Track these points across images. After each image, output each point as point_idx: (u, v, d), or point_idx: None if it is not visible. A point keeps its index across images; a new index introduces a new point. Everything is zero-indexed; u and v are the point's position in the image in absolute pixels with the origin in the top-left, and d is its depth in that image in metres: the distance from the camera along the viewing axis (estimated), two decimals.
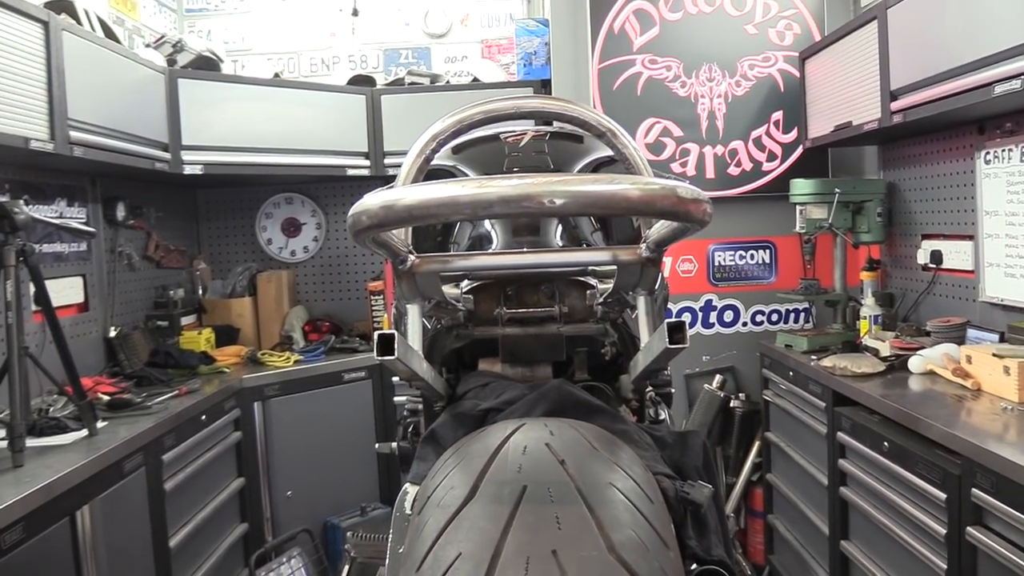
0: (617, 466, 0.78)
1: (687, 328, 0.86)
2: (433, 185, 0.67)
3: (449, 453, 0.86)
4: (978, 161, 2.69)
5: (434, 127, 1.02)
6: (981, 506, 1.89)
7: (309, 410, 3.47)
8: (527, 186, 0.65)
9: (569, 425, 0.85)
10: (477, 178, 0.67)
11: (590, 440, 0.81)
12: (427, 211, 0.68)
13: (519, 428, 0.83)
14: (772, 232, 3.82)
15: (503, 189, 0.65)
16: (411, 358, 0.95)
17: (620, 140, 1.02)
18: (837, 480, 2.73)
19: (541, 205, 0.65)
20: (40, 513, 1.85)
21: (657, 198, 0.68)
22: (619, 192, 0.67)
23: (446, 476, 0.78)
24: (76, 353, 2.85)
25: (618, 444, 0.85)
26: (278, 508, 3.38)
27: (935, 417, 2.15)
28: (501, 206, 0.65)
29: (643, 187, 0.68)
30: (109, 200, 3.21)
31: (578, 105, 1.03)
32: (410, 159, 1.01)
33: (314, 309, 4.21)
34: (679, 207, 0.69)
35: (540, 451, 0.77)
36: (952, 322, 2.80)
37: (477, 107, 1.03)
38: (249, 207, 4.18)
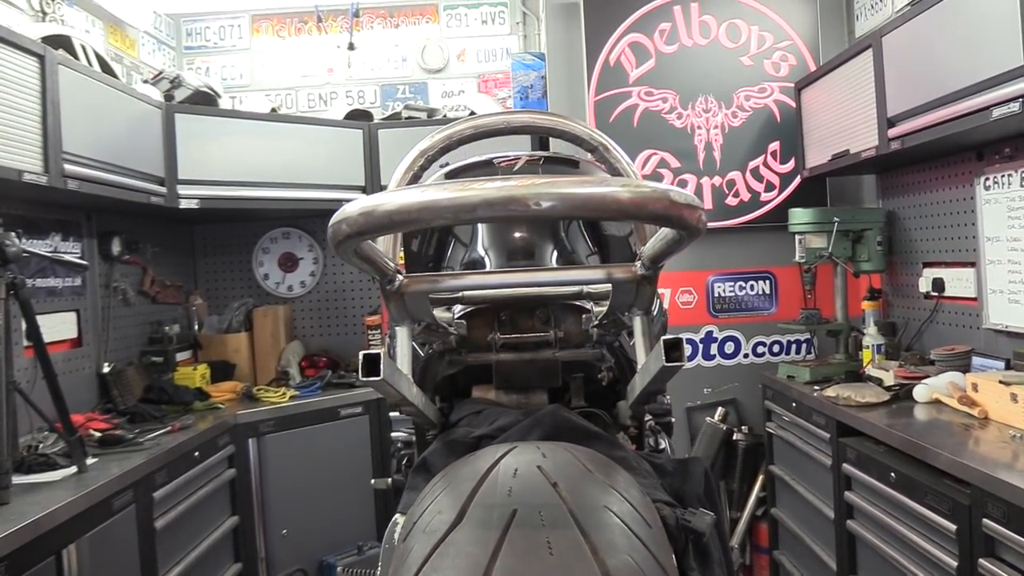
0: (613, 489, 0.74)
1: (684, 345, 0.83)
2: (414, 189, 0.65)
3: (437, 478, 0.82)
4: (978, 187, 2.67)
5: (423, 143, 1.00)
6: (993, 537, 1.84)
7: (305, 446, 3.41)
8: (512, 188, 0.62)
9: (563, 448, 0.81)
10: (460, 181, 0.64)
11: (584, 463, 0.77)
12: (409, 216, 0.65)
13: (510, 451, 0.79)
14: (772, 263, 3.80)
15: (486, 191, 0.62)
16: (399, 380, 0.92)
17: (612, 154, 0.99)
18: (844, 513, 2.67)
19: (527, 207, 0.62)
20: (25, 552, 1.80)
21: (648, 201, 0.65)
22: (609, 194, 0.64)
23: (433, 500, 0.74)
24: (69, 389, 2.81)
25: (614, 467, 0.81)
26: (273, 547, 3.31)
27: (943, 446, 2.10)
28: (484, 209, 0.63)
29: (634, 189, 0.65)
30: (105, 235, 3.20)
31: (569, 119, 1.01)
32: (398, 175, 0.99)
33: (311, 344, 4.17)
34: (671, 211, 0.67)
35: (532, 473, 0.73)
36: (956, 350, 2.76)
37: (466, 122, 1.01)
38: (246, 242, 4.17)
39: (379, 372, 0.84)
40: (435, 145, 0.99)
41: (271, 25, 4.43)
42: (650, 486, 1.09)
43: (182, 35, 4.42)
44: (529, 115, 1.02)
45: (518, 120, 1.02)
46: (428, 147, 0.99)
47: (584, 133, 1.00)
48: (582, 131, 1.00)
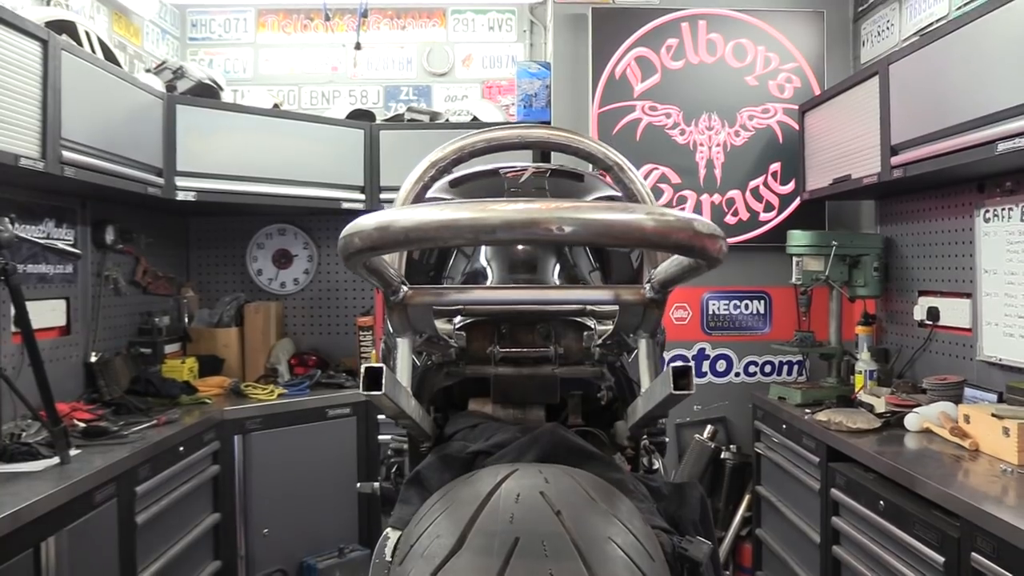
0: (616, 519, 0.72)
1: (692, 374, 0.82)
2: (432, 207, 0.63)
3: (436, 498, 0.80)
4: (977, 219, 2.67)
5: (434, 154, 0.98)
6: (981, 572, 1.83)
7: (290, 445, 3.38)
8: (534, 211, 0.61)
9: (565, 472, 0.79)
10: (480, 200, 0.62)
11: (587, 490, 0.76)
12: (425, 234, 0.63)
13: (512, 473, 0.78)
14: (767, 282, 3.80)
15: (507, 213, 0.60)
16: (399, 394, 0.90)
17: (628, 175, 0.98)
18: (830, 538, 2.66)
19: (548, 232, 0.61)
20: (2, 544, 1.77)
21: (673, 230, 0.63)
22: (633, 222, 0.62)
23: (431, 523, 0.73)
24: (55, 377, 2.78)
25: (616, 495, 0.80)
26: (254, 546, 3.28)
27: (933, 477, 2.09)
28: (505, 231, 0.61)
29: (659, 218, 0.63)
30: (99, 223, 3.16)
31: (584, 137, 1.00)
32: (407, 185, 0.97)
33: (301, 342, 4.14)
34: (695, 242, 0.65)
35: (534, 500, 0.71)
36: (949, 380, 2.76)
37: (479, 135, 0.99)
38: (241, 237, 4.14)
39: (381, 386, 0.82)
40: (447, 156, 0.97)
41: (277, 20, 4.41)
42: (647, 511, 1.08)
43: (187, 26, 4.39)
44: (545, 130, 1.00)
45: (533, 135, 1.00)
46: (439, 158, 0.97)
47: (599, 152, 0.99)
48: (597, 150, 0.99)
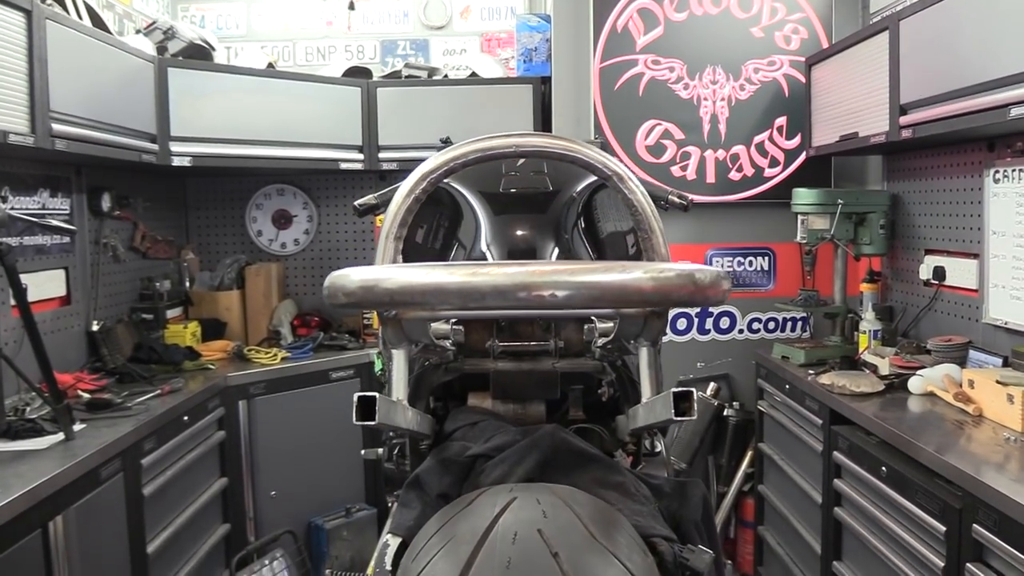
0: (615, 558, 0.71)
1: (694, 397, 0.80)
2: (420, 269, 0.60)
3: (433, 527, 0.79)
4: (987, 179, 2.62)
5: (426, 165, 0.95)
6: (982, 543, 1.83)
7: (295, 409, 3.40)
8: (525, 275, 0.58)
9: (563, 502, 0.78)
10: (469, 264, 0.60)
11: (586, 524, 0.74)
12: (411, 298, 0.61)
13: (509, 505, 0.76)
14: (771, 239, 3.76)
15: (497, 279, 0.58)
16: (395, 416, 0.89)
17: (628, 185, 0.95)
18: (831, 500, 2.68)
19: (541, 299, 0.58)
20: (10, 527, 1.78)
21: (672, 288, 0.61)
22: (631, 284, 0.60)
23: (429, 561, 0.72)
24: (57, 348, 2.79)
25: (615, 524, 0.78)
26: (261, 508, 3.32)
27: (935, 445, 2.09)
28: (495, 298, 0.59)
29: (657, 277, 0.61)
30: (94, 190, 3.12)
31: (582, 146, 0.96)
32: (399, 199, 0.94)
33: (303, 303, 4.13)
34: (696, 296, 0.63)
35: (531, 540, 0.70)
36: (954, 341, 2.74)
37: (472, 144, 0.95)
38: (239, 197, 4.09)
39: (374, 416, 0.80)
40: (439, 168, 0.94)
41: None
42: (648, 514, 1.07)
43: None
44: (542, 139, 0.96)
45: (528, 144, 0.96)
46: (431, 169, 0.94)
47: (598, 162, 0.95)
48: (596, 159, 0.95)
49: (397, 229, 0.93)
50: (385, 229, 0.93)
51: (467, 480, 1.13)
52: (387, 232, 0.93)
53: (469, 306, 0.60)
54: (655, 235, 0.95)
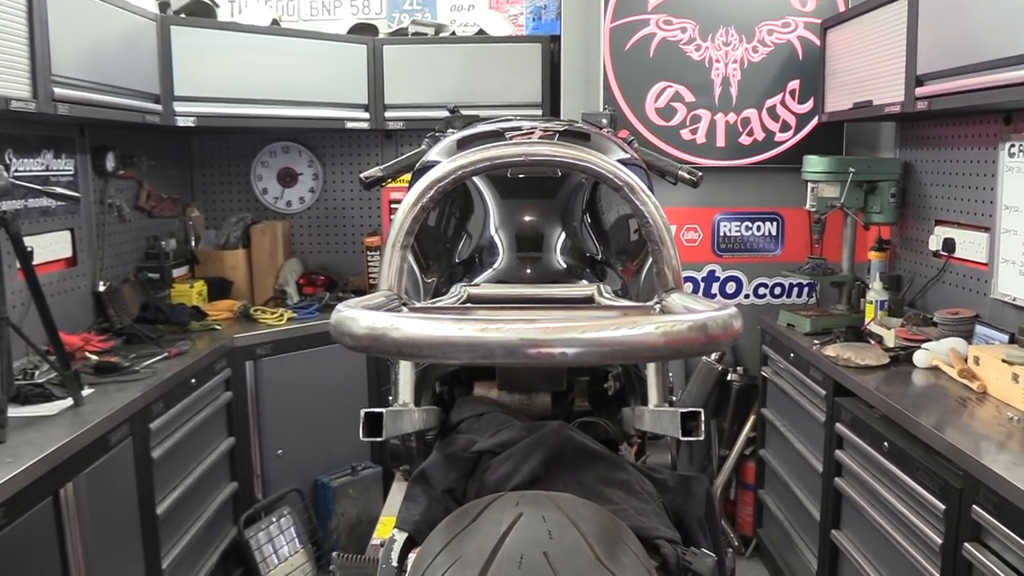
0: None
1: (701, 418, 0.80)
2: (429, 322, 0.60)
3: (439, 542, 0.80)
4: (1002, 152, 2.58)
5: (433, 173, 0.93)
6: (980, 524, 1.85)
7: (301, 370, 3.42)
8: (535, 332, 0.58)
9: (568, 520, 0.78)
10: (478, 319, 0.59)
11: (591, 544, 0.75)
12: (419, 351, 0.60)
13: (515, 523, 0.77)
14: (780, 203, 3.73)
15: (507, 335, 0.57)
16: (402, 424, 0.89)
17: (639, 196, 0.93)
18: (832, 470, 2.70)
19: (551, 357, 0.58)
20: (22, 495, 1.81)
21: (684, 342, 0.60)
22: (642, 340, 0.59)
23: None
24: (64, 309, 2.81)
25: (619, 542, 0.79)
26: (269, 467, 3.37)
27: (938, 422, 2.10)
28: (503, 355, 0.58)
29: (669, 332, 0.60)
30: (98, 150, 3.10)
31: (593, 155, 0.94)
32: (405, 207, 0.93)
33: (309, 261, 4.13)
34: (708, 347, 0.62)
35: (537, 564, 0.71)
36: (961, 315, 2.73)
37: (481, 153, 0.94)
38: (244, 155, 4.06)
39: (381, 433, 0.80)
40: (446, 175, 0.92)
41: None
42: (652, 512, 1.08)
43: None
44: (551, 148, 0.94)
45: (538, 153, 0.95)
46: (438, 178, 0.92)
47: (609, 171, 0.93)
48: (607, 168, 0.93)
49: (404, 238, 0.92)
50: (391, 238, 0.92)
51: (473, 476, 1.14)
52: (393, 241, 0.92)
53: (477, 361, 0.60)
54: (666, 247, 0.94)
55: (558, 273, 1.31)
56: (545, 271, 1.30)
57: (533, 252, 1.34)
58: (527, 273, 1.29)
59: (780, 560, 3.32)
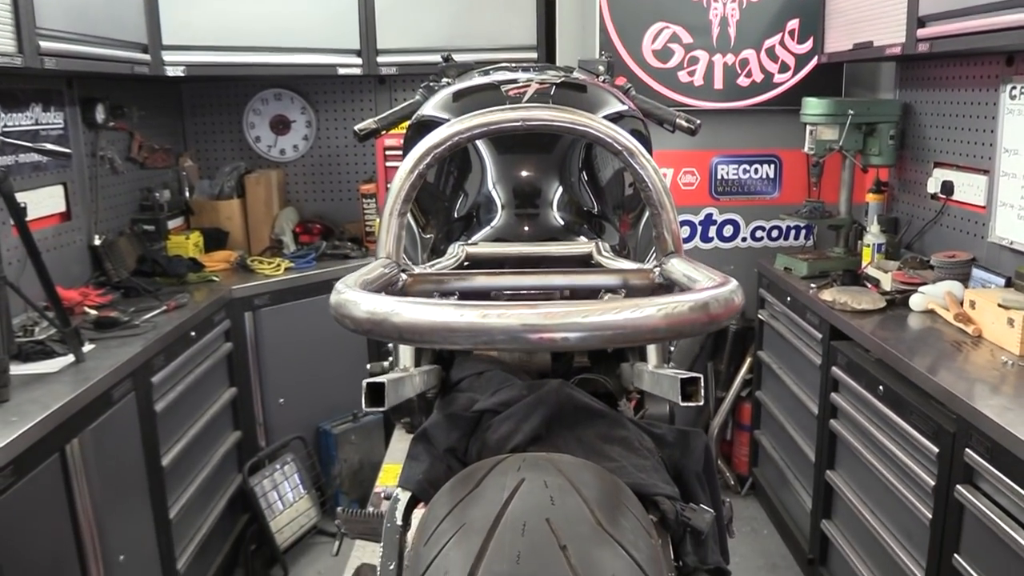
0: (622, 548, 0.73)
1: (701, 383, 0.80)
2: (430, 307, 0.60)
3: (443, 507, 0.81)
4: (1002, 94, 2.55)
5: (430, 139, 0.92)
6: (973, 467, 1.89)
7: (300, 319, 3.43)
8: (536, 318, 0.58)
9: (570, 484, 0.80)
10: (480, 305, 0.59)
11: (593, 509, 0.76)
12: (420, 336, 0.60)
13: (518, 489, 0.78)
14: (778, 145, 3.70)
15: (508, 321, 0.57)
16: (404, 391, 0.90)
17: (639, 160, 0.92)
18: (827, 412, 2.74)
19: (552, 342, 0.58)
20: (29, 453, 1.83)
21: (686, 322, 0.60)
22: (643, 322, 0.59)
23: (440, 552, 0.74)
24: (61, 264, 2.80)
25: (620, 506, 0.80)
26: (271, 415, 3.40)
27: (933, 366, 2.12)
28: (505, 341, 0.58)
29: (670, 314, 0.60)
30: (87, 102, 3.05)
31: (593, 119, 0.93)
32: (402, 175, 0.92)
33: (305, 209, 4.11)
34: (710, 325, 0.62)
35: (540, 532, 0.72)
36: (958, 257, 2.74)
37: (478, 118, 0.92)
38: (236, 103, 4.01)
39: (383, 403, 0.81)
40: (443, 141, 0.91)
41: None
42: (651, 468, 1.10)
43: None
44: (550, 112, 0.93)
45: (537, 118, 0.93)
46: (435, 144, 0.91)
47: (609, 135, 0.92)
48: (607, 133, 0.92)
49: (401, 206, 0.91)
50: (388, 207, 0.91)
51: (474, 435, 1.15)
52: (390, 209, 0.91)
53: (479, 346, 0.60)
54: (666, 212, 0.93)
55: (556, 230, 1.31)
56: (543, 228, 1.30)
57: (531, 208, 1.33)
58: (525, 230, 1.29)
59: (775, 498, 3.40)
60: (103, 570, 2.14)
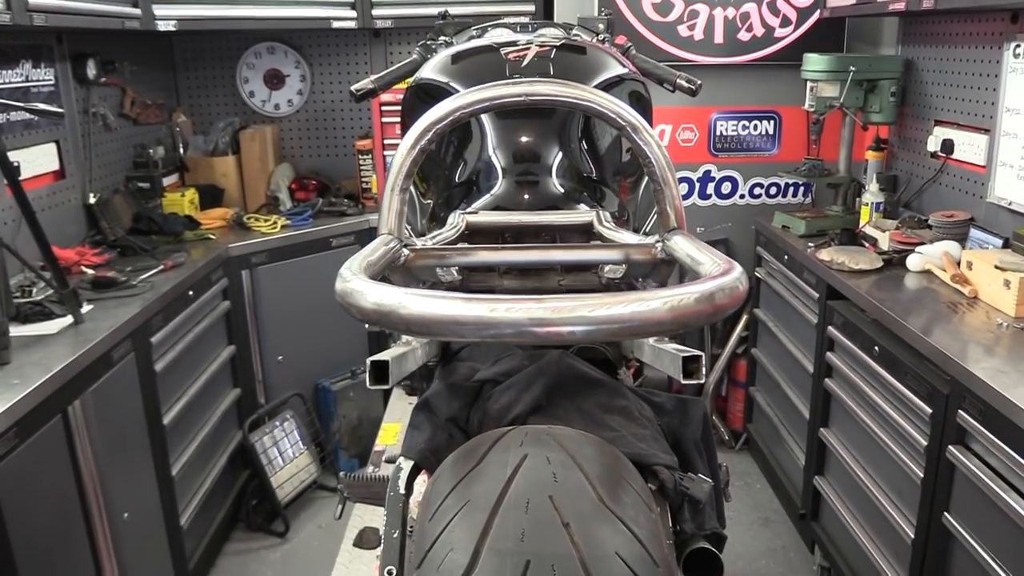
0: (623, 524, 0.75)
1: (703, 361, 0.81)
2: (437, 299, 0.59)
3: (447, 483, 0.82)
4: (1006, 52, 2.52)
5: (431, 115, 0.91)
6: (965, 428, 1.91)
7: (298, 276, 3.43)
8: (543, 312, 0.58)
9: (572, 460, 0.81)
10: (488, 298, 0.59)
11: (594, 485, 0.77)
12: (427, 329, 0.60)
13: (521, 465, 0.79)
14: (778, 102, 3.67)
15: (515, 314, 0.57)
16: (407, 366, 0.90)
17: (642, 136, 0.91)
18: (823, 371, 2.77)
19: (559, 335, 0.58)
20: (32, 416, 1.84)
21: (692, 315, 0.60)
22: (649, 316, 0.59)
23: (445, 528, 0.75)
24: (56, 223, 2.79)
25: (621, 480, 0.82)
26: (270, 373, 3.42)
27: (929, 328, 2.13)
28: (512, 335, 0.58)
29: (676, 307, 0.60)
30: (78, 57, 3.00)
31: (596, 94, 0.91)
32: (403, 151, 0.91)
33: (300, 165, 4.08)
34: (716, 316, 0.63)
35: (543, 509, 0.73)
36: (956, 217, 2.74)
37: (480, 92, 0.91)
38: (229, 57, 3.94)
39: (388, 380, 0.82)
40: (444, 117, 0.90)
41: None
42: (650, 437, 1.11)
43: None
44: (552, 87, 0.92)
45: (540, 92, 0.92)
46: (436, 119, 0.90)
47: (612, 110, 0.91)
48: (611, 107, 0.91)
49: (403, 182, 0.90)
50: (390, 183, 0.90)
51: (475, 404, 1.16)
52: (392, 185, 0.90)
53: (484, 338, 0.60)
54: (669, 187, 0.93)
55: (556, 197, 1.30)
56: (543, 196, 1.29)
57: (531, 175, 1.32)
58: (525, 198, 1.28)
59: (769, 454, 3.45)
60: (108, 528, 2.17)
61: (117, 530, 2.22)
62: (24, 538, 1.81)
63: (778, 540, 3.14)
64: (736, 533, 3.13)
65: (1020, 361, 1.91)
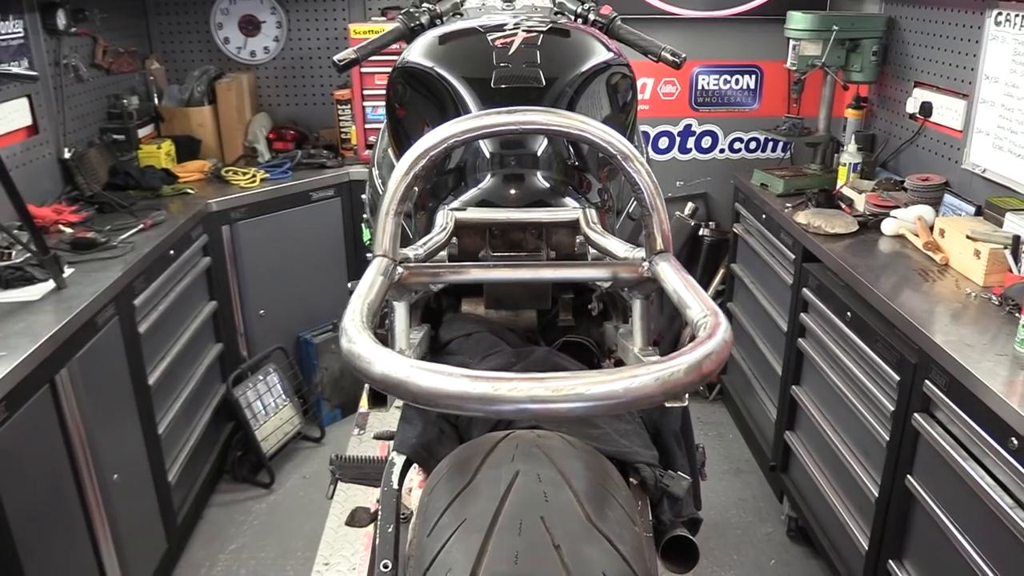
0: (609, 543, 0.79)
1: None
2: (444, 376, 0.62)
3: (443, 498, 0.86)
4: (988, 19, 2.53)
5: (424, 142, 0.92)
6: (930, 397, 1.99)
7: (278, 230, 3.43)
8: (543, 390, 0.61)
9: (561, 477, 0.85)
10: (489, 376, 0.62)
11: (583, 503, 0.82)
12: (434, 402, 0.63)
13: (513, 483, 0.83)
14: (760, 56, 3.67)
15: (516, 393, 0.61)
16: None
17: (633, 165, 0.93)
18: (796, 331, 2.84)
19: (558, 412, 0.62)
20: (20, 387, 1.86)
21: (680, 386, 0.64)
22: (640, 391, 0.63)
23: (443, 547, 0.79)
24: (31, 179, 2.76)
25: (606, 497, 0.86)
26: (252, 327, 3.44)
27: (899, 296, 2.19)
28: (513, 412, 0.62)
29: (666, 380, 0.64)
30: (47, 7, 2.92)
31: (589, 123, 0.93)
32: (397, 177, 0.92)
33: (277, 114, 4.02)
34: (702, 381, 0.66)
35: (535, 531, 0.78)
36: (931, 181, 2.78)
37: (473, 120, 0.92)
38: (203, 1, 3.84)
39: (386, 404, 0.85)
40: (438, 144, 0.91)
41: None
42: (633, 432, 1.16)
43: None
44: (546, 116, 0.93)
45: (530, 120, 0.93)
46: (430, 147, 0.91)
47: (605, 139, 0.92)
48: (603, 137, 0.92)
49: (397, 206, 0.92)
50: (385, 206, 0.92)
51: None
52: (387, 209, 0.92)
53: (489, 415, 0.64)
54: (657, 213, 0.96)
55: (543, 192, 1.32)
56: (529, 191, 1.31)
57: (517, 168, 1.33)
58: (512, 193, 1.30)
59: (742, 406, 3.55)
60: (99, 491, 2.21)
61: (108, 491, 2.26)
62: (18, 506, 1.84)
63: (748, 490, 3.26)
64: (709, 482, 3.24)
65: (985, 333, 1.98)
